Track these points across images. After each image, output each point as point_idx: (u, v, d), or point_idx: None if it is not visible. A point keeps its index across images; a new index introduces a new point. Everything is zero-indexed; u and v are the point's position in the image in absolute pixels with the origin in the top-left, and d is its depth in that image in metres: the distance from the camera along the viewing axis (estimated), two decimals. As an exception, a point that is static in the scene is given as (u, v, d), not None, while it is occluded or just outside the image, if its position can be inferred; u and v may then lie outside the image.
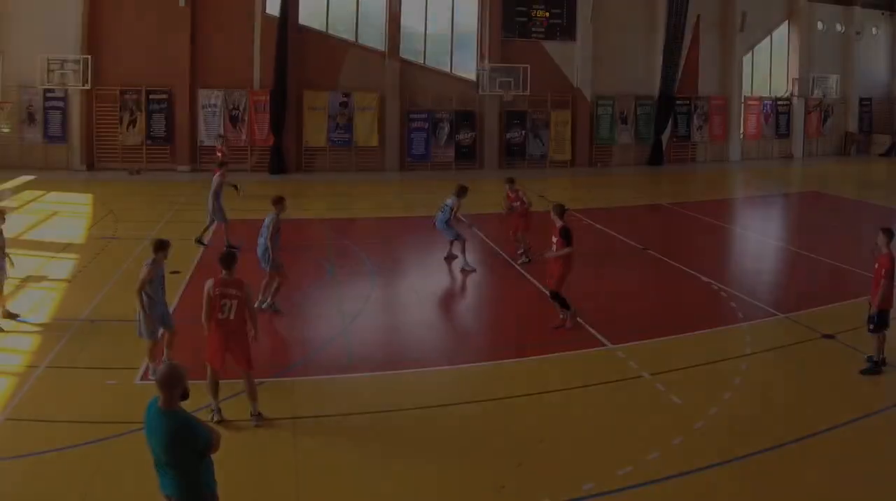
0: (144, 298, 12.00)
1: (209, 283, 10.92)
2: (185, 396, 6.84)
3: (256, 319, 11.24)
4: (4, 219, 15.03)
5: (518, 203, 20.75)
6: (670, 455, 9.98)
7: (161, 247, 12.37)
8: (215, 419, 10.68)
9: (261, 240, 15.84)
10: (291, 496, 9.13)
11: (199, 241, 21.54)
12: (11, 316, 15.01)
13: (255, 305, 13.71)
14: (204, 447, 6.83)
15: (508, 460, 9.95)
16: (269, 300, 15.73)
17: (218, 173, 21.99)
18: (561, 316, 15.02)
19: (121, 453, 9.69)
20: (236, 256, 11.31)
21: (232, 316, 10.81)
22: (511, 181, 21.39)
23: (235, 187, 23.57)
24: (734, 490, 9.37)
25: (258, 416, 10.90)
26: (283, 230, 16.30)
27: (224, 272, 10.99)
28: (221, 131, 35.70)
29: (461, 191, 19.58)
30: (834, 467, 9.95)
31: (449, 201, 19.42)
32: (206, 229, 21.86)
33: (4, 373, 12.39)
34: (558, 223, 14.99)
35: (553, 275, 14.98)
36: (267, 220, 15.82)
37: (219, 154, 26.66)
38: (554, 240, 15.03)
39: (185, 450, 6.74)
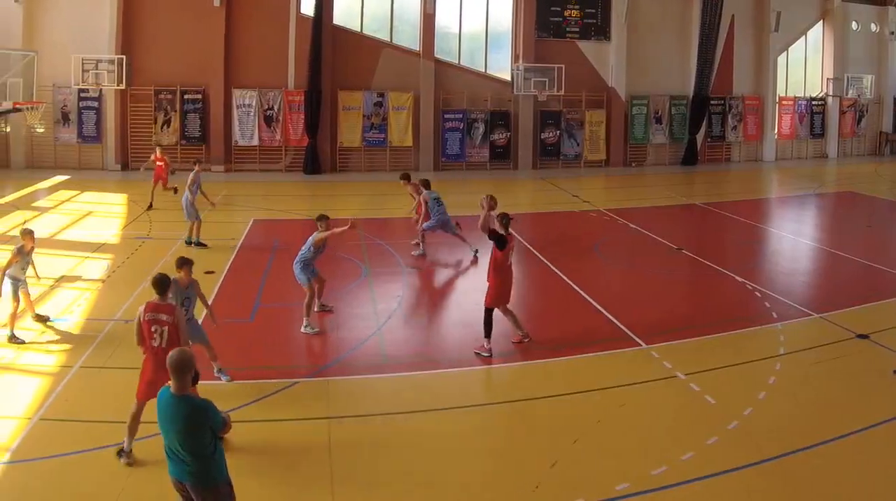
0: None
1: (140, 309, 9.96)
2: (195, 380, 6.90)
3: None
4: (33, 238, 14.18)
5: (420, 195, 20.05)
6: (705, 456, 9.71)
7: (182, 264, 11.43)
8: (123, 461, 9.40)
9: (299, 255, 14.57)
10: (326, 495, 8.85)
11: (195, 243, 20.65)
12: (42, 319, 14.55)
13: (301, 329, 13.94)
14: (219, 427, 6.90)
15: (542, 460, 9.65)
16: (308, 319, 14.38)
17: (193, 171, 21.14)
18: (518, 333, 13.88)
19: (155, 453, 8.88)
20: (169, 282, 10.15)
21: (164, 344, 9.64)
22: (407, 177, 21.15)
23: (175, 190, 24.16)
24: (769, 491, 9.01)
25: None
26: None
27: (156, 296, 9.97)
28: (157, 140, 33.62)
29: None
30: (869, 467, 9.60)
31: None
32: (191, 229, 20.85)
33: (38, 373, 12.09)
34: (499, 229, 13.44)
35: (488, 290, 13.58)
36: (311, 237, 14.54)
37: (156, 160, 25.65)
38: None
39: (201, 433, 6.75)
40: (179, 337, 9.76)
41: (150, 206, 25.13)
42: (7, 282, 13.65)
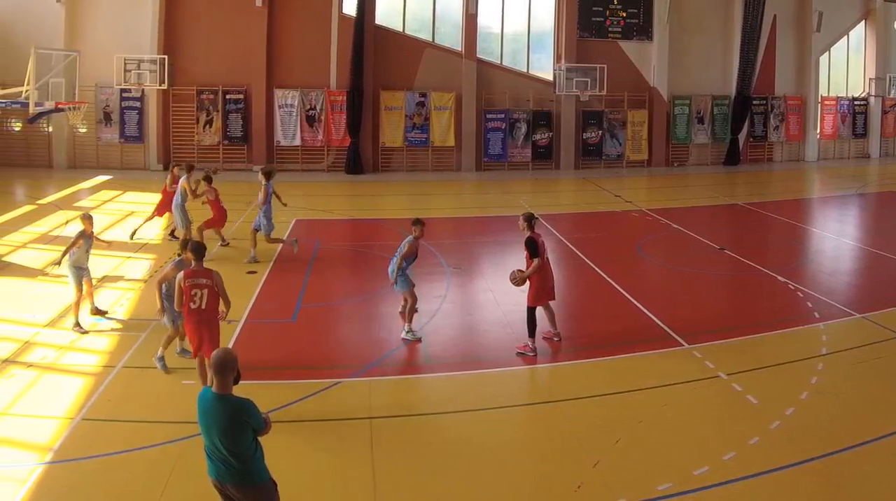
0: (164, 289, 11.60)
1: (180, 275, 10.56)
2: (237, 380, 6.67)
3: (229, 302, 10.81)
4: (92, 222, 13.97)
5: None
6: (747, 456, 9.30)
7: (187, 248, 11.28)
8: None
9: (393, 260, 13.51)
10: (368, 495, 8.50)
11: (172, 235, 19.91)
12: (100, 312, 14.17)
13: (402, 335, 13.35)
14: (260, 427, 6.66)
15: (584, 459, 9.27)
16: (408, 326, 13.50)
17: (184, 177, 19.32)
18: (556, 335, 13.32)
19: (197, 453, 8.16)
20: (205, 249, 10.97)
21: (203, 305, 10.47)
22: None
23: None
24: (811, 491, 8.63)
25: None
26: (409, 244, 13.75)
27: (195, 263, 10.62)
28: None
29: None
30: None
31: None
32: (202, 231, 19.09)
33: (81, 373, 11.60)
34: (526, 233, 12.93)
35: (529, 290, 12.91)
36: (403, 242, 13.47)
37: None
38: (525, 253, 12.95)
39: (243, 433, 6.51)
40: (219, 298, 10.55)
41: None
42: (71, 271, 13.41)
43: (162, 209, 20.19)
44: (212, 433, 6.52)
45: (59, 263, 13.78)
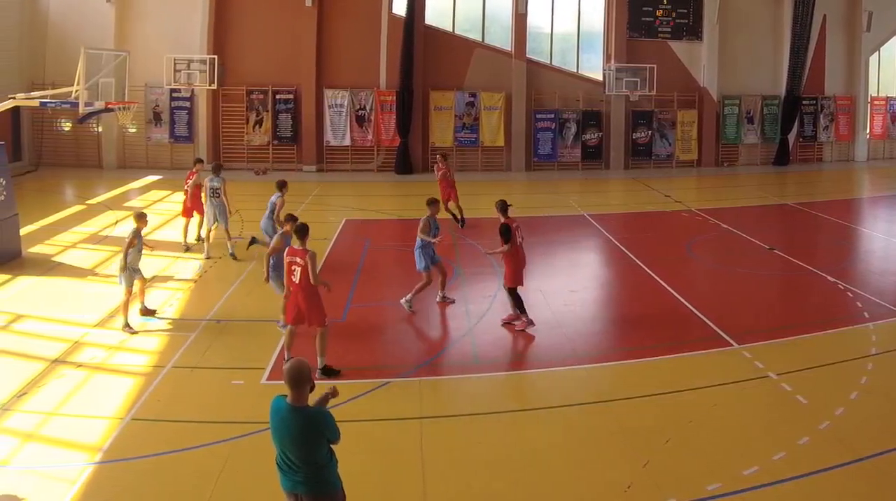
0: (273, 260, 12.70)
1: (285, 253, 11.30)
2: (311, 389, 6.18)
3: (317, 280, 10.97)
4: (146, 220, 13.73)
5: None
6: (796, 456, 8.83)
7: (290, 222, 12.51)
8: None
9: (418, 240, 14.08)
10: (418, 495, 8.06)
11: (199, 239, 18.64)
12: (149, 312, 13.60)
13: (401, 300, 13.89)
14: (334, 438, 6.22)
15: (635, 459, 8.79)
16: (409, 296, 14.00)
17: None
18: (519, 318, 13.24)
19: (247, 453, 8.67)
20: (308, 230, 11.28)
21: (298, 281, 10.97)
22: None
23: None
24: (861, 491, 8.13)
25: (324, 369, 10.93)
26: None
27: (297, 242, 11.14)
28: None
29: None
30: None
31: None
32: (226, 232, 17.99)
33: (131, 374, 11.18)
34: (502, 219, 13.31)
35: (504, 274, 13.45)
36: (422, 221, 14.15)
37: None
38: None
39: (320, 443, 6.12)
40: (309, 277, 10.85)
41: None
42: (124, 273, 12.90)
43: (191, 209, 18.73)
44: (286, 444, 6.10)
45: (124, 268, 12.91)
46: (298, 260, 10.94)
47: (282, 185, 16.79)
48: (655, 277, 16.58)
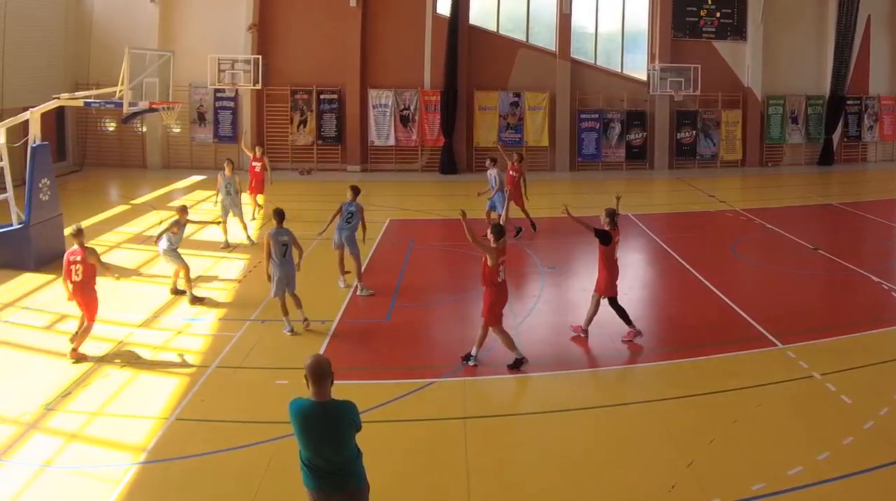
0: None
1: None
2: (331, 382, 5.76)
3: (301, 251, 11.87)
4: (188, 213, 13.72)
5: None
6: (841, 456, 8.26)
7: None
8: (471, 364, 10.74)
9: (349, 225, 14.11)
10: (462, 495, 7.66)
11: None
12: (198, 300, 13.44)
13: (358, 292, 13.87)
14: (359, 426, 5.82)
15: (679, 459, 8.29)
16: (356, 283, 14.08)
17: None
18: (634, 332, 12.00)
19: (291, 453, 6.82)
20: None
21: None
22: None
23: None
24: None
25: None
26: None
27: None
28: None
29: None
30: None
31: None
32: (241, 221, 18.07)
33: (175, 374, 10.51)
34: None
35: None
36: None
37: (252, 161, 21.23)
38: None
39: (349, 435, 5.71)
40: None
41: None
42: (171, 254, 13.14)
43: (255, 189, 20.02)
44: (314, 442, 5.60)
45: (156, 239, 13.27)
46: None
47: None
48: (700, 277, 15.71)
